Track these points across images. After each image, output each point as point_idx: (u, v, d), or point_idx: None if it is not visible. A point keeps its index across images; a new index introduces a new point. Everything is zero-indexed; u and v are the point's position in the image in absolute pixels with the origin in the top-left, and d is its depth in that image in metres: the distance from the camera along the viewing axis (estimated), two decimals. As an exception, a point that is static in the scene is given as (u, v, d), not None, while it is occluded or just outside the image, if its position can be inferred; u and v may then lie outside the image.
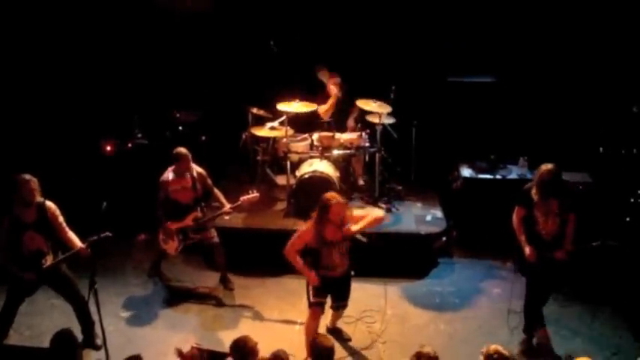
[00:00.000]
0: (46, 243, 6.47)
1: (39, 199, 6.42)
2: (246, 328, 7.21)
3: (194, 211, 7.70)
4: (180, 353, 5.65)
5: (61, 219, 6.56)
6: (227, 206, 7.64)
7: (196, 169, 7.69)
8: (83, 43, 10.38)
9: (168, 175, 7.61)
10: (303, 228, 6.41)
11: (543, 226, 6.58)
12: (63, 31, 10.24)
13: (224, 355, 5.62)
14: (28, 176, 6.35)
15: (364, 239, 6.41)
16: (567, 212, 6.54)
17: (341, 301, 6.84)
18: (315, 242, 6.28)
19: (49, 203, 6.51)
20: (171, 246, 7.78)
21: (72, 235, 6.57)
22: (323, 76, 9.64)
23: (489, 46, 10.31)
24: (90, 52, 10.44)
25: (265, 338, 5.46)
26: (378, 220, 6.49)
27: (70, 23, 10.26)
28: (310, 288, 6.48)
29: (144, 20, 10.47)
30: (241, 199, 7.63)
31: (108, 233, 6.24)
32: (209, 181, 7.80)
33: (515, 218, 6.77)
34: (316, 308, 6.54)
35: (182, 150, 7.54)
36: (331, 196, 6.21)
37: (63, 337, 5.30)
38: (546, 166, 6.40)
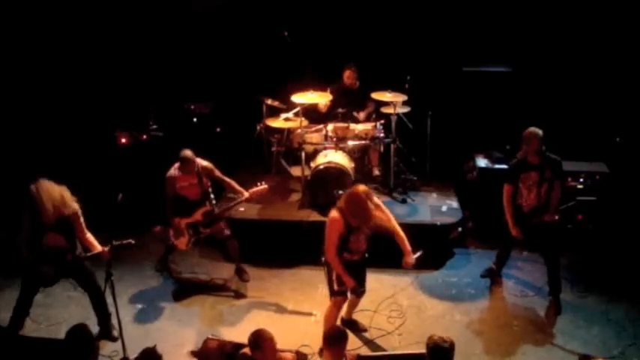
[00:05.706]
0: (67, 241, 6.47)
1: None
2: (261, 319, 7.21)
3: (203, 206, 7.71)
4: (194, 353, 5.67)
5: (81, 220, 6.55)
6: (244, 193, 7.59)
7: (201, 163, 7.63)
8: (99, 37, 10.42)
9: (175, 171, 7.61)
10: (330, 222, 6.20)
11: (526, 198, 7.26)
12: (80, 26, 10.30)
13: (244, 345, 5.63)
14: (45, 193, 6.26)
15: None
16: (552, 180, 7.14)
17: (360, 287, 6.74)
18: (345, 229, 6.16)
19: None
20: (182, 241, 7.80)
21: (90, 237, 6.59)
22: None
23: (504, 36, 10.22)
24: (105, 46, 10.48)
25: (281, 329, 5.47)
26: None
27: (86, 18, 10.31)
28: (334, 276, 6.36)
29: (158, 13, 10.48)
30: (250, 191, 7.61)
31: (131, 241, 6.37)
32: (217, 173, 7.75)
33: (504, 196, 7.36)
34: (340, 297, 6.48)
35: (188, 153, 7.49)
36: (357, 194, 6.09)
37: (78, 332, 5.28)
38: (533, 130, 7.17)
